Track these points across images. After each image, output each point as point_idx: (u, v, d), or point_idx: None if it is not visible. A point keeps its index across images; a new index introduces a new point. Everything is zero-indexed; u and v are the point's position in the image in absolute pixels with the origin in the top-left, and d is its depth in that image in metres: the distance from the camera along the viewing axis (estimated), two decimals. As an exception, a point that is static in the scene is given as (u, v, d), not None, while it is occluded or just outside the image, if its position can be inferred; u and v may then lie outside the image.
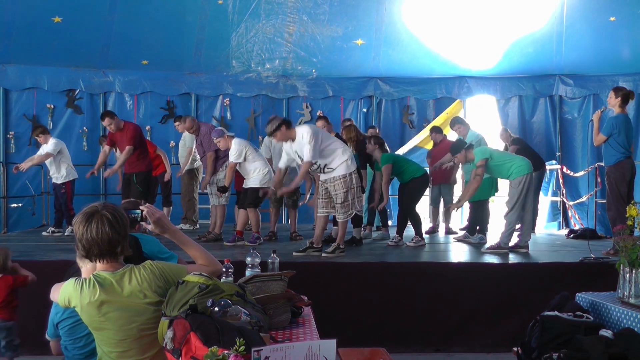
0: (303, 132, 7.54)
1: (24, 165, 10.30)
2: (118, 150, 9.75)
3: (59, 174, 10.22)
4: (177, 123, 11.16)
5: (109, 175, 10.10)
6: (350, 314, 6.81)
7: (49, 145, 10.21)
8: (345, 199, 7.63)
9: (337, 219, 7.84)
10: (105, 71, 13.28)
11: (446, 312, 6.98)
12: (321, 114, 11.94)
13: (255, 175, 8.84)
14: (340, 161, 7.63)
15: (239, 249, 8.27)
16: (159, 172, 11.24)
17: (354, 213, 7.91)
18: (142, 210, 3.43)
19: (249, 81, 13.53)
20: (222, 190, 9.09)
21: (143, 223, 3.45)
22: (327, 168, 7.66)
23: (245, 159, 8.84)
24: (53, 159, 10.15)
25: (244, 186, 9.06)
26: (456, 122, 10.45)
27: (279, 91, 13.68)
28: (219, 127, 10.05)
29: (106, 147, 9.81)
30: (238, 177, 9.51)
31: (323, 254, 7.71)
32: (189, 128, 9.97)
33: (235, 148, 8.85)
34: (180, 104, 13.53)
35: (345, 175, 7.62)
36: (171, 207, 11.67)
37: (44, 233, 10.36)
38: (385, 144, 9.66)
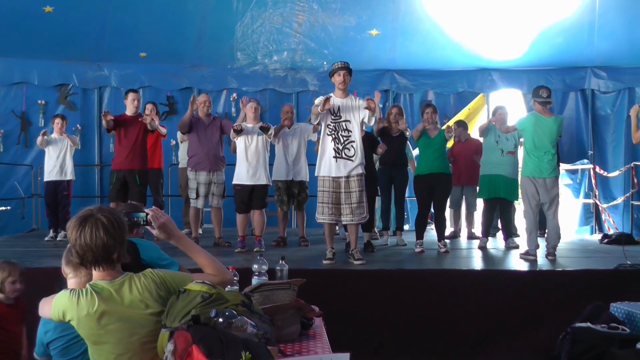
0: (362, 102, 7.80)
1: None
2: (121, 137, 9.21)
3: (68, 169, 10.27)
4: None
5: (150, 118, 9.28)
6: (365, 326, 6.79)
7: (73, 137, 10.46)
8: (360, 198, 7.68)
9: (351, 222, 7.80)
10: (100, 64, 13.35)
11: (468, 323, 6.95)
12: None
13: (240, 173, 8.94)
14: (362, 157, 7.78)
15: (244, 256, 8.28)
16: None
17: (367, 217, 7.97)
18: (146, 214, 3.40)
19: (254, 75, 13.55)
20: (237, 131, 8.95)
21: (148, 227, 3.43)
22: (349, 145, 7.71)
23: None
24: (69, 150, 10.28)
25: (233, 182, 9.08)
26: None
27: (287, 85, 13.71)
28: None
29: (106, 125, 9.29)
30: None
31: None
32: None
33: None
34: (181, 99, 13.54)
35: (363, 174, 7.77)
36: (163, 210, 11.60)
37: (47, 239, 10.31)
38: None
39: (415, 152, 10.59)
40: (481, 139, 9.87)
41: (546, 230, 8.53)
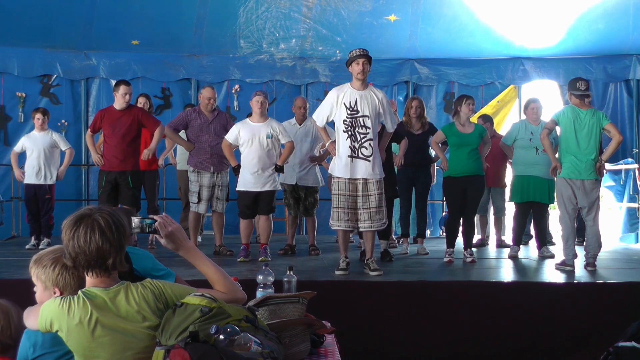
0: (383, 95, 7.89)
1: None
2: (109, 134, 9.13)
3: (51, 173, 10.33)
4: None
5: (148, 156, 9.38)
6: (381, 344, 6.80)
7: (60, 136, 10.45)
8: (380, 202, 7.67)
9: (369, 228, 7.78)
10: (88, 53, 13.34)
11: (497, 341, 6.92)
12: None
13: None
14: (379, 158, 7.81)
15: (247, 265, 8.30)
16: None
17: (386, 223, 7.97)
18: (154, 220, 3.37)
19: (260, 64, 13.55)
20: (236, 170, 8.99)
21: (156, 236, 3.41)
22: (366, 143, 7.65)
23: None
24: (53, 152, 10.36)
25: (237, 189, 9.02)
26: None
27: (296, 76, 13.71)
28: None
29: (89, 132, 9.42)
30: None
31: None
32: None
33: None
34: (178, 91, 13.56)
35: (382, 175, 7.79)
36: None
37: (28, 247, 10.32)
38: None
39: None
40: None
41: (585, 238, 8.48)
